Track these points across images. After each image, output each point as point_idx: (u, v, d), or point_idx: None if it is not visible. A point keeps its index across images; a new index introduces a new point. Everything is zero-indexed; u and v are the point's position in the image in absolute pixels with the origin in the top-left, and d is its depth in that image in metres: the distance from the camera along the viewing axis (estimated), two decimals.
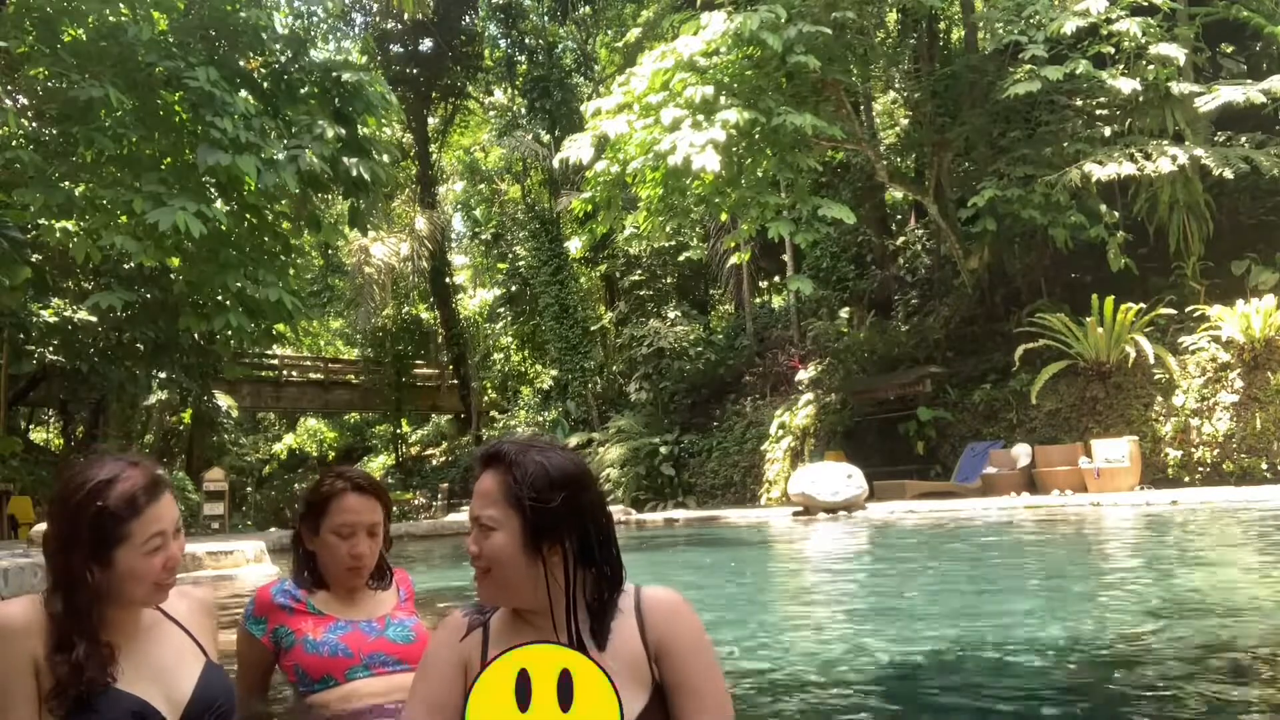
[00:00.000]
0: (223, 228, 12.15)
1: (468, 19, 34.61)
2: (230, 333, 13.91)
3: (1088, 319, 15.79)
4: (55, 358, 18.35)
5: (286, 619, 2.64)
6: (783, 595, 7.01)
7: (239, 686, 2.77)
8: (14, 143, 11.66)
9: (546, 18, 31.39)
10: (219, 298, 13.70)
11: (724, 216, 22.37)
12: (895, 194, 24.39)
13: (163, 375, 21.13)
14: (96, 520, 1.86)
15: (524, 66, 31.09)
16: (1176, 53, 15.18)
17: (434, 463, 36.40)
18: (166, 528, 1.93)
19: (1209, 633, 4.16)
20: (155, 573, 1.91)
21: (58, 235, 12.63)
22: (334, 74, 13.89)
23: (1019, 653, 3.90)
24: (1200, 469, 14.68)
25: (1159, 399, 15.33)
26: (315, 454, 43.12)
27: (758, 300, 28.04)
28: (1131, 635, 4.25)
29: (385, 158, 14.93)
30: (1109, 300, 15.53)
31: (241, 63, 13.71)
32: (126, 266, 15.81)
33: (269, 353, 31.29)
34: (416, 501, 31.88)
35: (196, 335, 18.16)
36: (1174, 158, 14.80)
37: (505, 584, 1.74)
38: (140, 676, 1.93)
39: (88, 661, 1.83)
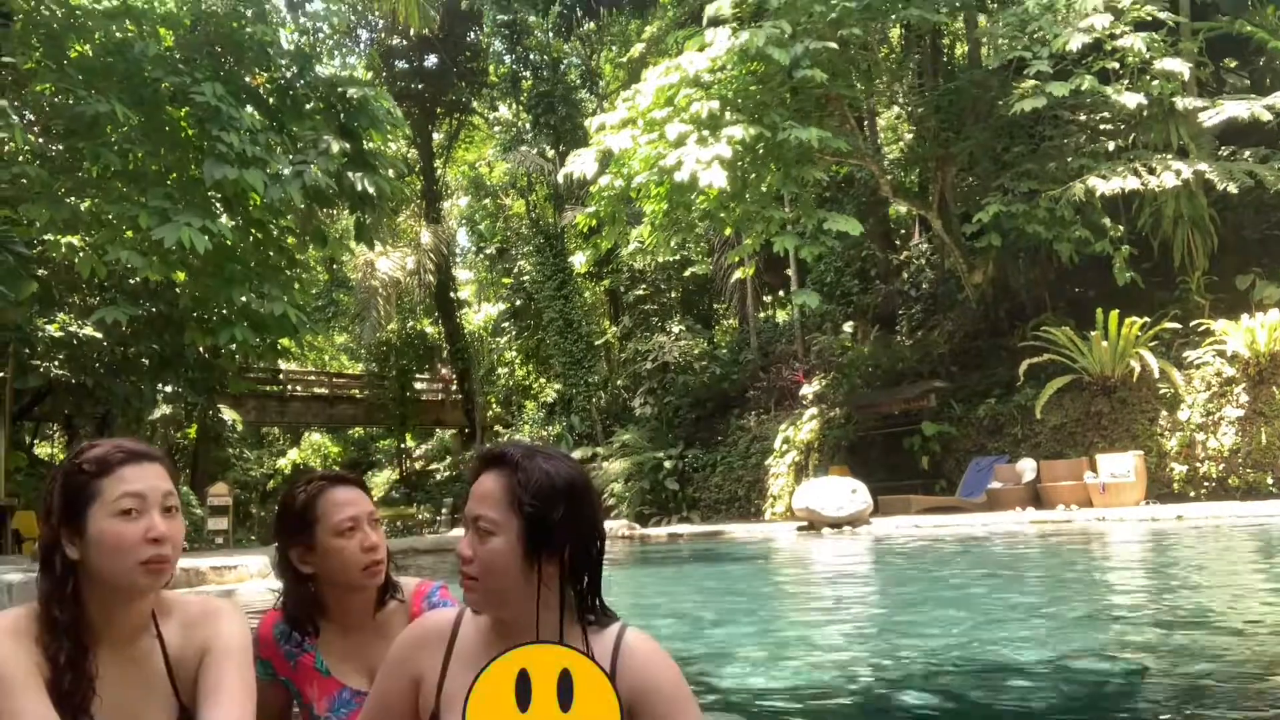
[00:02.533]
0: (228, 242, 12.18)
1: (472, 35, 34.77)
2: (235, 347, 13.93)
3: (1092, 333, 15.78)
4: (60, 372, 18.34)
5: (292, 673, 2.30)
6: (786, 612, 6.99)
7: None
8: (20, 158, 11.71)
9: (551, 34, 31.50)
10: (224, 312, 13.73)
11: (728, 231, 22.40)
12: (899, 209, 24.39)
13: (168, 389, 21.13)
14: (68, 480, 1.80)
15: (529, 82, 31.19)
16: (1180, 67, 15.21)
17: (438, 477, 36.37)
18: (144, 491, 1.80)
19: (1214, 649, 4.14)
20: (134, 543, 1.77)
21: (63, 250, 12.67)
22: (339, 89, 13.95)
23: (1024, 669, 3.88)
24: (1205, 484, 14.63)
25: (1164, 413, 15.29)
26: (319, 469, 43.05)
27: (762, 315, 28.04)
28: (1136, 651, 4.23)
29: (390, 172, 14.97)
30: (1113, 314, 15.52)
31: (247, 78, 13.77)
32: (132, 281, 15.82)
33: (274, 367, 31.33)
34: (420, 516, 31.85)
35: (202, 349, 18.18)
36: (1178, 172, 14.81)
37: (494, 593, 1.65)
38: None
39: (69, 666, 1.73)
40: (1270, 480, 13.96)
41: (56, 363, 18.30)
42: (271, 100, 14.00)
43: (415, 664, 1.72)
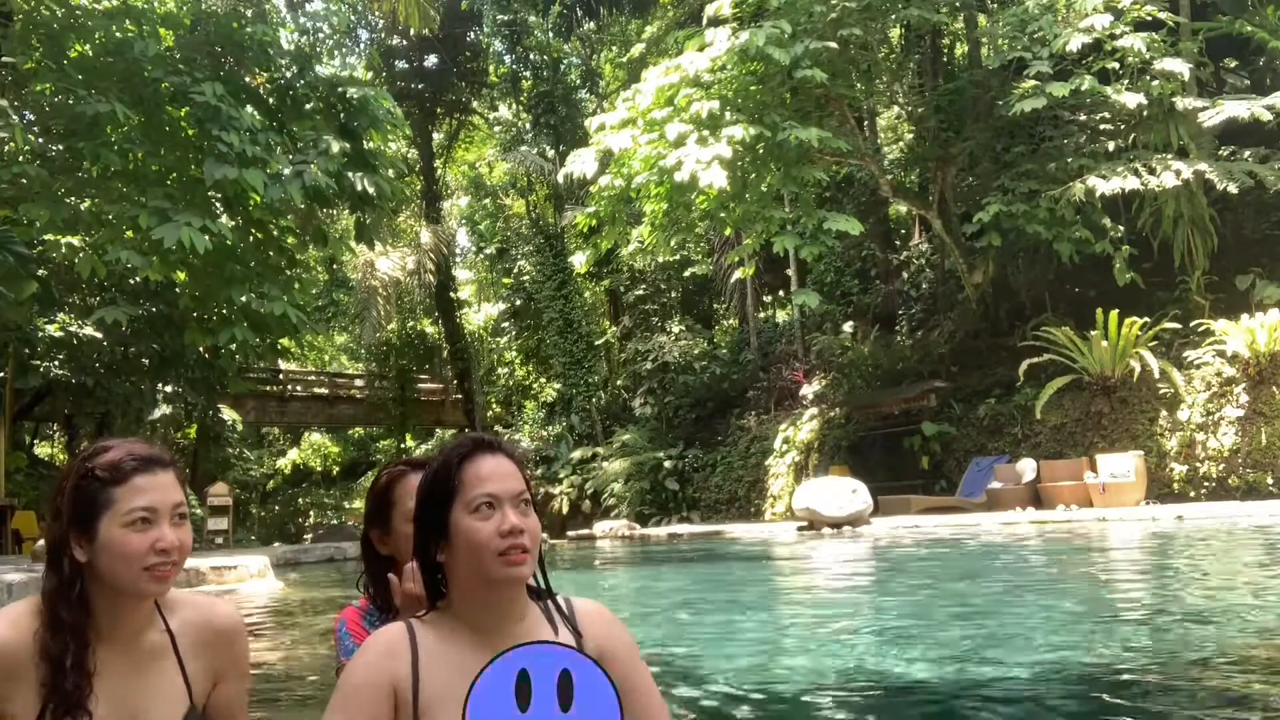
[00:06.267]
0: (228, 242, 12.17)
1: (472, 35, 34.75)
2: (235, 347, 13.93)
3: (1092, 333, 15.78)
4: (60, 372, 18.36)
5: None
6: (786, 612, 6.98)
7: None
8: (20, 158, 11.69)
9: (551, 34, 31.52)
10: (224, 312, 13.73)
11: (728, 231, 22.40)
12: (899, 209, 24.40)
13: (168, 389, 21.17)
14: (80, 485, 1.81)
15: (529, 82, 31.21)
16: (1180, 67, 15.22)
17: None
18: (156, 504, 1.81)
19: (1213, 650, 4.14)
20: (141, 552, 1.78)
21: (63, 250, 12.66)
22: (339, 89, 13.95)
23: (1022, 669, 3.88)
24: (1205, 484, 14.63)
25: (1164, 413, 15.29)
26: (319, 469, 43.12)
27: (762, 315, 28.04)
28: (1134, 651, 4.23)
29: (390, 172, 14.97)
30: (1113, 314, 15.52)
31: (247, 78, 13.76)
32: (132, 281, 15.84)
33: (274, 367, 31.32)
34: None
35: (202, 349, 18.19)
36: (1178, 172, 14.81)
37: (531, 562, 1.70)
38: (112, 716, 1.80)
39: (73, 666, 1.74)
40: (1270, 480, 13.96)
41: (56, 363, 18.32)
42: (271, 100, 13.99)
43: (387, 682, 1.63)
